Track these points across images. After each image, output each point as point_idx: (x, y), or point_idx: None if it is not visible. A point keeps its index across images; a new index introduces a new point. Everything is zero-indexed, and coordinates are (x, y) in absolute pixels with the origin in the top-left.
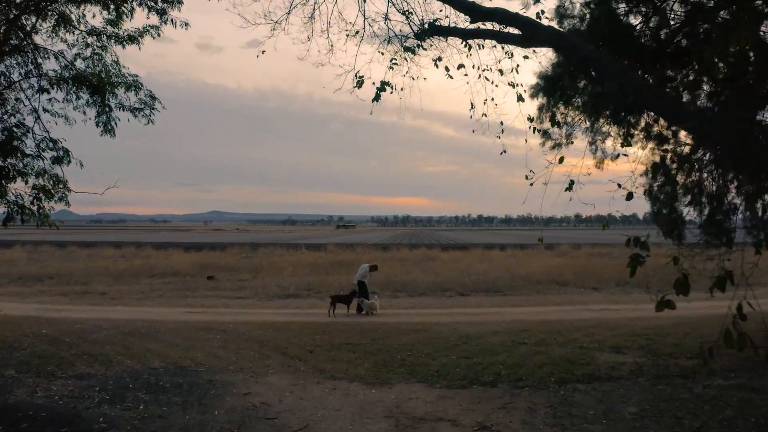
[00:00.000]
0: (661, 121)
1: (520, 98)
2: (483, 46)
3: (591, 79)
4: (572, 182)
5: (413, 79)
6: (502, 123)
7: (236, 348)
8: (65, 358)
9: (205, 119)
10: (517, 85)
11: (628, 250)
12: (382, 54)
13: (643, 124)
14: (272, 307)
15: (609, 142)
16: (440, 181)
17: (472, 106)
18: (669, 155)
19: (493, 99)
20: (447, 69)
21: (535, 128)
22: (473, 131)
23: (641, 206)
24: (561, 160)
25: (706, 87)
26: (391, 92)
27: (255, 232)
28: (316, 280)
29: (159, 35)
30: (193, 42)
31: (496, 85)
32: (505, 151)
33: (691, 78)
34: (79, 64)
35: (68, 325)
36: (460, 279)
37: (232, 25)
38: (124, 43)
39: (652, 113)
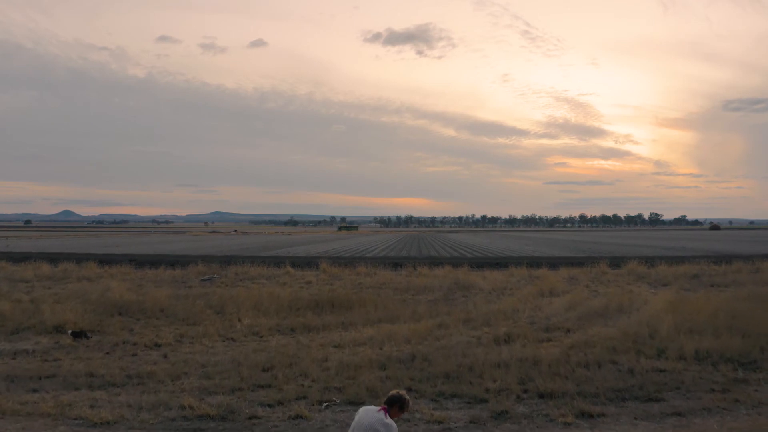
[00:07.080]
0: None
1: None
2: None
3: None
4: None
5: None
6: None
7: None
8: None
9: (205, 119)
10: None
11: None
12: None
13: None
14: None
15: None
16: (441, 182)
17: None
18: None
19: None
20: None
21: None
22: None
23: (644, 207)
24: None
25: None
26: None
27: (254, 234)
28: (284, 356)
29: None
30: (196, 42)
31: None
32: None
33: None
34: None
35: None
36: (552, 352)
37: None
38: None
39: None
